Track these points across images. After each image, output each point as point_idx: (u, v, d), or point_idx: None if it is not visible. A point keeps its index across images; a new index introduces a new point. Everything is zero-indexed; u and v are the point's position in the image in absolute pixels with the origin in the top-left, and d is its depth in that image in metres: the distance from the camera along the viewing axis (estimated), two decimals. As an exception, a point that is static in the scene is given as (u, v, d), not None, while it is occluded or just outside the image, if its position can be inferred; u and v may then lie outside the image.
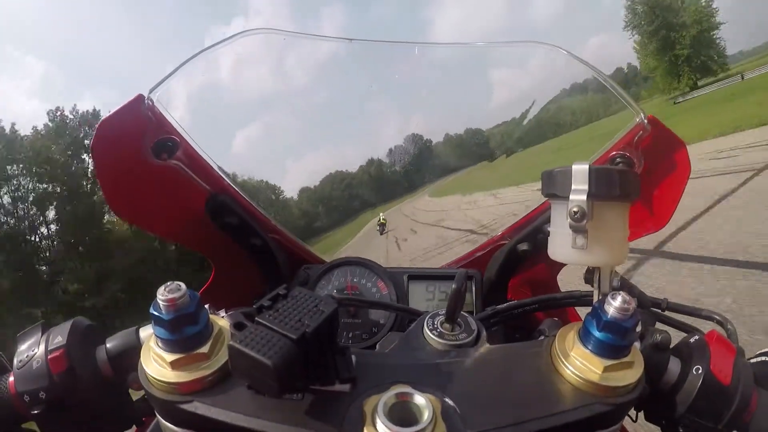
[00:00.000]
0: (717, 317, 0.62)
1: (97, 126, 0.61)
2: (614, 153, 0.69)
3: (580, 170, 0.44)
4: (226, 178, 0.79)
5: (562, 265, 0.78)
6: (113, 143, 0.63)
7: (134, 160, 0.67)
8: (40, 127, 33.56)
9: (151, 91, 0.65)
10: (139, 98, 0.64)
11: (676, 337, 0.52)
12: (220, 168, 0.77)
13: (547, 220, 0.51)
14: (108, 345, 0.49)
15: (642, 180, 0.48)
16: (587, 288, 0.55)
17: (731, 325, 0.60)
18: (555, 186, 0.46)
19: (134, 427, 0.54)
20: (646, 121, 0.65)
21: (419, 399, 0.34)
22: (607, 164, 0.69)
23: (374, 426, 0.32)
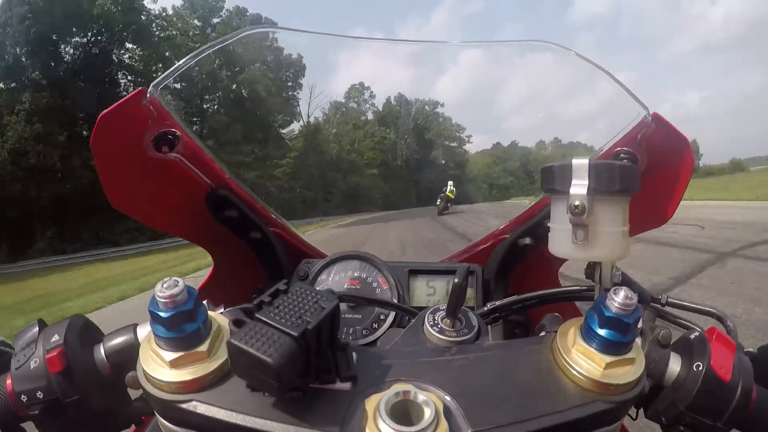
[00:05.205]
0: (717, 313, 0.62)
1: (97, 120, 0.60)
2: (618, 149, 0.69)
3: (580, 165, 0.43)
4: (227, 172, 0.78)
5: (563, 259, 0.78)
6: (113, 137, 0.63)
7: (135, 154, 0.67)
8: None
9: (152, 86, 0.65)
10: (141, 92, 0.63)
11: (675, 333, 0.52)
12: (220, 162, 0.77)
13: (548, 215, 0.51)
14: (106, 343, 0.48)
15: (645, 176, 0.47)
16: (589, 282, 0.55)
17: (731, 321, 0.60)
18: (554, 181, 0.45)
19: (133, 427, 0.54)
20: (650, 117, 0.64)
21: (421, 397, 0.34)
22: (611, 159, 0.69)
23: (376, 425, 0.32)
